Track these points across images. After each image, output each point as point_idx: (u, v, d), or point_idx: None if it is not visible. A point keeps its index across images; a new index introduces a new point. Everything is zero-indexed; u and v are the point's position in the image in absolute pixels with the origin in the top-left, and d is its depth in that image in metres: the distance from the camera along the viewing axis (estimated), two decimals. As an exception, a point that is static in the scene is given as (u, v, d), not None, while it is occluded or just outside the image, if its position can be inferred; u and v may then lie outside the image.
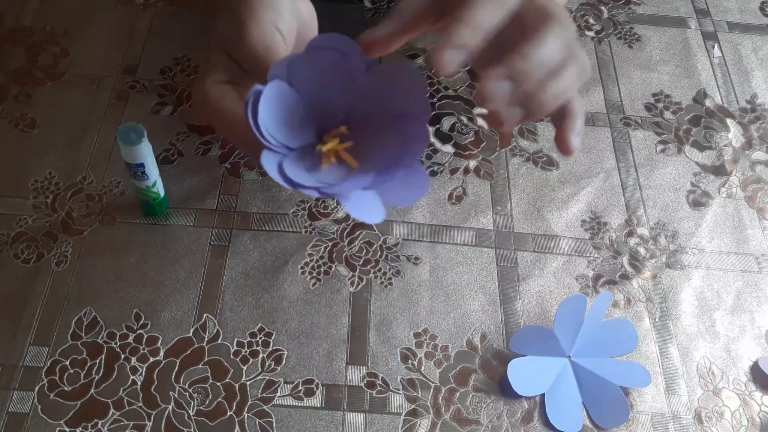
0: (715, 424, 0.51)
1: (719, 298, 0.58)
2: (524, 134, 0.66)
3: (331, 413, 0.50)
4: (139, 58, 0.68)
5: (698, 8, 0.79)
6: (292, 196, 0.60)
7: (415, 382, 0.52)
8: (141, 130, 0.51)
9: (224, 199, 0.60)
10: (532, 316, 0.56)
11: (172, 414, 0.49)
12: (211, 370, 0.51)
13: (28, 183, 0.59)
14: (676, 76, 0.72)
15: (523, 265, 0.58)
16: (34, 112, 0.64)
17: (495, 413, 0.51)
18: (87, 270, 0.55)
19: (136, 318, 0.53)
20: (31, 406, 0.49)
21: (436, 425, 0.50)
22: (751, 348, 0.55)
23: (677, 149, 0.67)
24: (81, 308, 0.53)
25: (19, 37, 0.69)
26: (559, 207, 0.62)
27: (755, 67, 0.74)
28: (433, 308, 0.55)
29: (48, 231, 0.57)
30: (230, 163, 0.62)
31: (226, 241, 0.57)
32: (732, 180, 0.65)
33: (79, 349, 0.51)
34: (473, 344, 0.54)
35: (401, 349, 0.53)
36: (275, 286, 0.55)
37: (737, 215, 0.63)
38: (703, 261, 0.60)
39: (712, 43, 0.76)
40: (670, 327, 0.56)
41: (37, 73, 0.67)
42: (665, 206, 0.63)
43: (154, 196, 0.56)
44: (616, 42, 0.75)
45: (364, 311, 0.55)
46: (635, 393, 0.52)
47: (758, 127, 0.69)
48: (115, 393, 0.49)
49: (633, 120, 0.68)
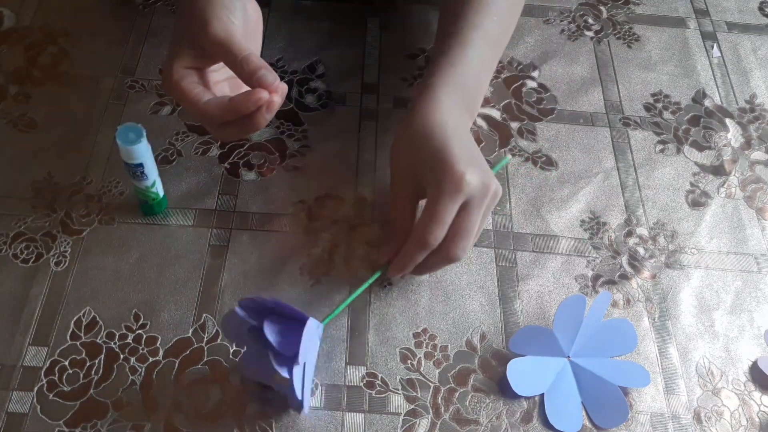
0: (714, 424, 0.51)
1: (718, 298, 0.58)
2: (524, 134, 0.66)
3: (330, 413, 0.50)
4: (138, 58, 0.68)
5: (697, 8, 0.79)
6: (291, 196, 0.60)
7: (414, 382, 0.52)
8: (140, 130, 0.51)
9: (223, 199, 0.60)
10: (532, 316, 0.56)
11: (171, 414, 0.49)
12: (211, 370, 0.51)
13: (28, 183, 0.59)
14: (675, 76, 0.72)
15: (523, 265, 0.58)
16: (33, 112, 0.64)
17: (494, 413, 0.51)
18: (86, 270, 0.55)
19: (135, 318, 0.53)
20: (30, 407, 0.49)
21: (436, 425, 0.50)
22: (750, 348, 0.55)
23: (676, 149, 0.67)
24: (80, 308, 0.53)
25: (18, 37, 0.69)
26: (559, 207, 0.62)
27: (754, 67, 0.74)
28: (432, 308, 0.55)
29: (47, 231, 0.57)
30: (229, 163, 0.62)
31: (225, 241, 0.57)
32: (731, 180, 0.65)
33: (78, 349, 0.51)
34: (472, 344, 0.54)
35: (400, 349, 0.53)
36: (274, 286, 0.55)
37: (736, 215, 0.63)
38: (702, 261, 0.60)
39: (711, 43, 0.76)
40: (670, 327, 0.56)
41: (36, 73, 0.67)
42: (664, 206, 0.63)
43: (153, 196, 0.56)
44: (615, 42, 0.75)
45: (364, 311, 0.55)
46: (634, 393, 0.52)
47: (757, 127, 0.69)
48: (115, 393, 0.49)
49: (632, 120, 0.68)
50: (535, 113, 0.68)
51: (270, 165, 0.62)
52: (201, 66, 0.50)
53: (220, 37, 0.47)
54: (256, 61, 0.47)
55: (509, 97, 0.69)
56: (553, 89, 0.70)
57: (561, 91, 0.70)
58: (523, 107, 0.68)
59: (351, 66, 0.70)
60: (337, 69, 0.69)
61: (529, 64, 0.72)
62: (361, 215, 0.59)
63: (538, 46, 0.73)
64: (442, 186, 0.49)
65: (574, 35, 0.75)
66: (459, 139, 0.51)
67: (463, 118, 0.55)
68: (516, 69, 0.71)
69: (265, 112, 0.47)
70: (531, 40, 0.74)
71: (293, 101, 0.67)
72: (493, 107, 0.68)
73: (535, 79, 0.71)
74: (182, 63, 0.48)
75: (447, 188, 0.49)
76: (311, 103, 0.67)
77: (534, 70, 0.71)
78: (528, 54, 0.73)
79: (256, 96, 0.46)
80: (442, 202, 0.49)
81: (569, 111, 0.68)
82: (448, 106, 0.53)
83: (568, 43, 0.74)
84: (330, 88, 0.68)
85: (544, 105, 0.69)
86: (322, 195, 0.61)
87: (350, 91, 0.68)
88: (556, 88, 0.70)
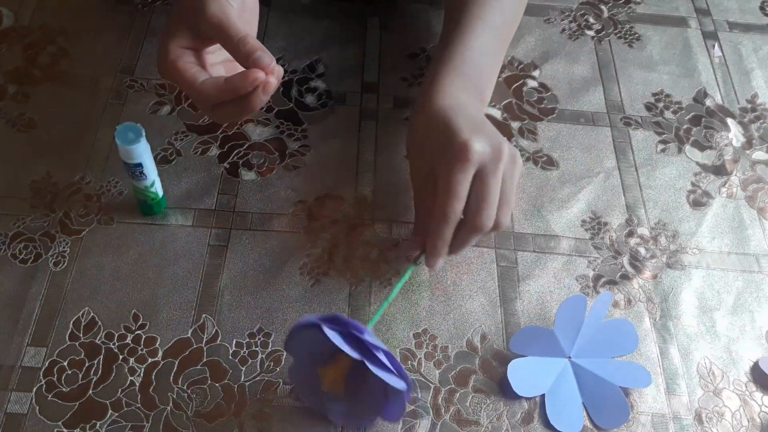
0: (715, 425, 0.51)
1: (719, 299, 0.57)
2: (525, 134, 0.66)
3: (330, 414, 0.50)
4: (137, 58, 0.68)
5: (698, 8, 0.79)
6: (291, 196, 0.60)
7: (414, 383, 0.51)
8: (139, 129, 0.51)
9: (223, 198, 0.60)
10: (532, 317, 0.55)
11: (170, 415, 0.49)
12: (210, 370, 0.51)
13: (26, 183, 0.59)
14: (677, 76, 0.72)
15: (523, 265, 0.58)
16: (32, 112, 0.63)
17: (495, 414, 0.50)
18: (85, 270, 0.55)
19: (134, 318, 0.53)
20: (29, 407, 0.48)
21: (436, 426, 0.50)
22: (751, 348, 0.55)
23: (677, 149, 0.66)
24: (79, 309, 0.53)
25: (16, 37, 0.69)
26: (559, 207, 0.61)
27: (755, 67, 0.74)
28: (432, 308, 0.55)
29: (46, 231, 0.56)
30: (229, 162, 0.62)
31: (224, 241, 0.57)
32: (732, 180, 0.65)
33: (77, 349, 0.51)
34: (473, 345, 0.54)
35: (401, 350, 0.53)
36: (274, 286, 0.55)
37: (738, 215, 0.62)
38: (703, 261, 0.59)
39: (713, 43, 0.76)
40: (671, 327, 0.56)
41: (35, 72, 0.66)
42: (666, 206, 0.62)
43: (152, 195, 0.56)
44: (616, 41, 0.75)
45: (364, 311, 0.54)
46: (635, 393, 0.52)
47: (758, 127, 0.69)
48: (114, 394, 0.49)
49: (633, 119, 0.68)
50: (536, 113, 0.68)
51: (270, 165, 0.62)
52: (197, 47, 0.50)
53: (217, 17, 0.47)
54: (253, 42, 0.47)
55: (510, 96, 0.69)
56: (554, 89, 0.70)
57: (562, 90, 0.70)
58: (524, 107, 0.68)
59: (351, 65, 0.70)
60: (337, 68, 0.69)
61: (529, 63, 0.72)
62: (361, 215, 0.59)
63: (538, 45, 0.73)
64: (449, 158, 0.49)
65: (575, 34, 0.75)
66: (464, 116, 0.52)
67: (471, 102, 0.55)
68: (517, 68, 0.71)
69: (261, 93, 0.47)
70: (532, 39, 0.74)
71: (293, 101, 0.66)
72: (494, 107, 0.68)
73: (536, 78, 0.70)
74: (179, 43, 0.48)
75: (453, 159, 0.49)
76: (311, 102, 0.67)
77: (535, 70, 0.71)
78: (529, 53, 0.73)
79: (252, 76, 0.46)
80: (451, 173, 0.49)
81: (570, 110, 0.68)
82: (452, 91, 0.54)
83: (569, 43, 0.74)
84: (330, 87, 0.68)
85: (545, 104, 0.68)
86: (322, 195, 0.60)
87: (350, 90, 0.68)
88: (557, 87, 0.70)
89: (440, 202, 0.50)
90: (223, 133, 0.63)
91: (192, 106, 0.65)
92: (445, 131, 0.51)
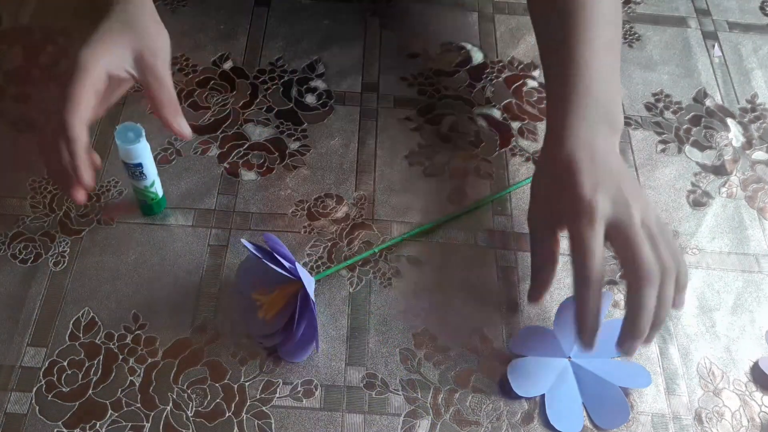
0: (715, 425, 0.51)
1: (719, 299, 0.57)
2: (525, 134, 0.66)
3: (330, 414, 0.50)
4: (137, 58, 0.68)
5: (698, 8, 0.79)
6: (291, 196, 0.60)
7: (414, 383, 0.51)
8: (139, 129, 0.51)
9: (223, 199, 0.60)
10: (532, 317, 0.55)
11: (170, 415, 0.49)
12: (210, 370, 0.51)
13: (26, 183, 0.59)
14: (677, 76, 0.72)
15: (523, 265, 0.58)
16: (32, 112, 0.63)
17: (495, 414, 0.50)
18: (85, 270, 0.55)
19: (134, 318, 0.53)
20: (29, 407, 0.48)
21: (436, 426, 0.50)
22: (751, 348, 0.55)
23: (677, 149, 0.66)
24: (79, 309, 0.53)
25: (17, 37, 0.69)
26: (559, 207, 0.61)
27: (755, 67, 0.74)
28: (432, 309, 0.55)
29: (46, 231, 0.56)
30: (229, 162, 0.62)
31: (224, 241, 0.57)
32: (732, 180, 0.65)
33: (77, 349, 0.51)
34: (473, 345, 0.53)
35: (400, 350, 0.53)
36: (274, 286, 0.55)
37: (737, 215, 0.62)
38: (703, 261, 0.59)
39: (713, 43, 0.76)
40: (671, 327, 0.56)
41: (35, 72, 0.66)
42: (665, 206, 0.62)
43: (152, 195, 0.56)
44: (616, 41, 0.75)
45: (364, 311, 0.54)
46: (635, 393, 0.52)
47: (758, 127, 0.69)
48: (114, 394, 0.49)
49: (633, 119, 0.68)
50: (536, 113, 0.68)
51: (270, 165, 0.62)
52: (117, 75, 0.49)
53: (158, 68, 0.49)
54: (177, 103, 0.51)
55: (510, 96, 0.69)
56: (553, 89, 0.70)
57: (562, 90, 0.70)
58: (524, 107, 0.68)
59: (351, 65, 0.70)
60: (336, 68, 0.69)
61: (530, 63, 0.72)
62: (361, 215, 0.59)
63: (538, 45, 0.73)
64: (573, 217, 0.48)
65: (574, 34, 0.75)
66: (589, 161, 0.49)
67: (600, 136, 0.51)
68: (517, 68, 0.71)
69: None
70: (532, 39, 0.74)
71: (293, 101, 0.66)
72: (494, 107, 0.68)
73: (535, 78, 0.70)
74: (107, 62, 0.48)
75: (578, 218, 0.48)
76: (311, 102, 0.67)
77: (535, 70, 0.71)
78: (529, 53, 0.72)
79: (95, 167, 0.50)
80: (579, 232, 0.47)
81: (570, 110, 0.68)
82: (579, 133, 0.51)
83: (569, 43, 0.74)
84: (330, 87, 0.68)
85: (545, 104, 0.68)
86: (322, 195, 0.60)
87: (350, 90, 0.68)
88: (556, 87, 0.70)
89: (575, 263, 0.48)
90: (223, 133, 0.63)
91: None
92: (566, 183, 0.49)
